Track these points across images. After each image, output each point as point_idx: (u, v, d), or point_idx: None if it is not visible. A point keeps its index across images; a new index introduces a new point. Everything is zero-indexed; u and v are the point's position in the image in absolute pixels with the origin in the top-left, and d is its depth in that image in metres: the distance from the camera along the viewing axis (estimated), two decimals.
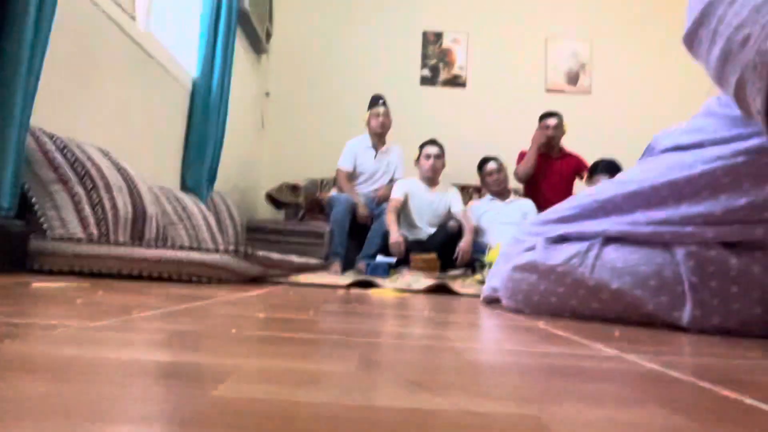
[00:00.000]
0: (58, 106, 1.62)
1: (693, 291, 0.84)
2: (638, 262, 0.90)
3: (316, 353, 0.46)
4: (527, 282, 1.04)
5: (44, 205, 1.41)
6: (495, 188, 3.35)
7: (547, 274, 1.00)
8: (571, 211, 1.04)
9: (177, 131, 2.54)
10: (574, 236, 1.01)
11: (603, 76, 4.32)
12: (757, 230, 0.81)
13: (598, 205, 1.00)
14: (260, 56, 3.92)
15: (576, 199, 1.07)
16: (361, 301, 1.12)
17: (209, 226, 2.35)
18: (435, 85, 4.33)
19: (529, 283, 1.04)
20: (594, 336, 0.70)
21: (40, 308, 0.65)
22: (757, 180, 0.79)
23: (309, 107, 4.25)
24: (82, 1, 1.71)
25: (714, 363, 0.54)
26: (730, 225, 0.82)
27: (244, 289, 1.25)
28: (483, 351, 0.54)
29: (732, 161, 0.81)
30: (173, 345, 0.45)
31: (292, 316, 0.74)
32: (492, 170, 3.35)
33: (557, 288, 0.99)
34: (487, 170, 3.38)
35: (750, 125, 0.81)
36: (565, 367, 0.46)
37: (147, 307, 0.71)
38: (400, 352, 0.50)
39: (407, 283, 1.79)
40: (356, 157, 3.42)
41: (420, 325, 0.73)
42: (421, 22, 4.37)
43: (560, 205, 1.10)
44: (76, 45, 1.69)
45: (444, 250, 2.96)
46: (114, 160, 1.65)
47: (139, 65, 2.13)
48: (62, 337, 0.45)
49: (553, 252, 1.01)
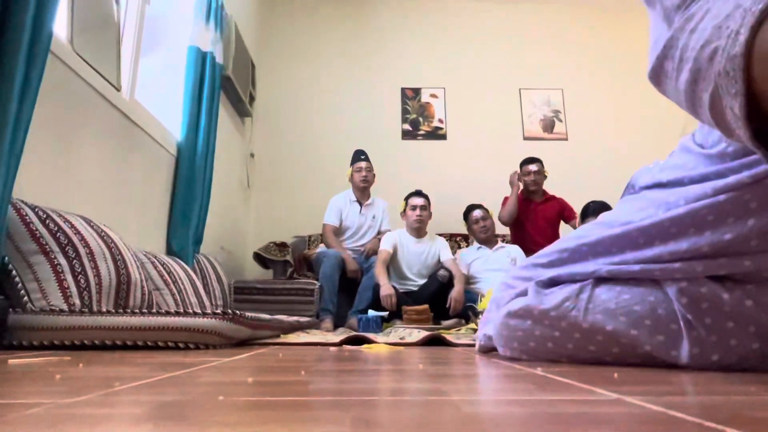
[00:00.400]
0: (40, 176, 1.62)
1: (689, 328, 0.83)
2: (631, 301, 0.89)
3: (307, 416, 0.44)
4: (522, 328, 1.02)
5: (25, 278, 1.37)
6: (482, 235, 3.38)
7: (541, 318, 0.99)
8: (560, 255, 1.04)
9: (162, 195, 2.54)
10: (565, 278, 1.00)
11: (577, 122, 4.48)
12: (746, 262, 0.81)
13: (587, 248, 1.00)
14: (244, 119, 4.01)
15: (563, 242, 1.07)
16: (354, 358, 1.09)
17: (196, 290, 2.31)
18: (416, 139, 4.44)
19: (524, 330, 1.02)
20: (593, 380, 0.68)
21: (14, 387, 0.62)
22: (740, 215, 0.80)
23: (294, 166, 4.31)
24: (67, 73, 1.75)
25: (716, 401, 0.53)
26: (717, 258, 0.83)
27: (233, 352, 1.21)
28: (482, 402, 0.52)
29: (714, 200, 0.82)
30: (156, 418, 0.43)
31: (282, 378, 0.71)
32: (478, 218, 3.39)
33: (553, 333, 0.98)
34: (473, 218, 3.42)
35: (726, 161, 0.83)
36: (566, 415, 0.44)
37: (129, 379, 0.68)
38: (396, 409, 0.48)
39: (401, 337, 1.76)
40: (341, 212, 3.44)
41: (415, 380, 0.71)
42: (399, 80, 4.54)
43: (548, 249, 1.10)
44: (59, 115, 1.72)
45: (436, 300, 2.93)
46: (97, 228, 1.64)
47: (123, 132, 2.15)
48: (35, 417, 0.43)
49: (545, 296, 1.00)
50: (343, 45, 4.57)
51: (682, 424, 0.40)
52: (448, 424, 0.41)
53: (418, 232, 3.25)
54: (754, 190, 0.79)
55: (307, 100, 4.45)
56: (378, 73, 4.53)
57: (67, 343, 1.27)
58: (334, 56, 4.54)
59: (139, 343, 1.29)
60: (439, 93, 4.52)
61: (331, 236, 3.36)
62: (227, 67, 3.21)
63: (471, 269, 3.33)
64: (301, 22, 4.60)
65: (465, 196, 3.93)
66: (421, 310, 2.60)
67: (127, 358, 1.02)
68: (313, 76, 4.50)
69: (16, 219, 1.39)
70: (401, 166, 4.28)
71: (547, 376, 0.75)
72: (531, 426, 0.40)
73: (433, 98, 4.51)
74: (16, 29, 1.29)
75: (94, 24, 1.97)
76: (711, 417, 0.42)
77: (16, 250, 1.38)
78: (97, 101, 1.94)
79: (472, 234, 3.50)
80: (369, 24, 4.64)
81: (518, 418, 0.43)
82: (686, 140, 0.96)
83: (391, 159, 4.26)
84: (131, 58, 2.30)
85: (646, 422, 0.41)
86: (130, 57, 2.29)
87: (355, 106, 4.46)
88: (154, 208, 2.46)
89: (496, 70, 4.57)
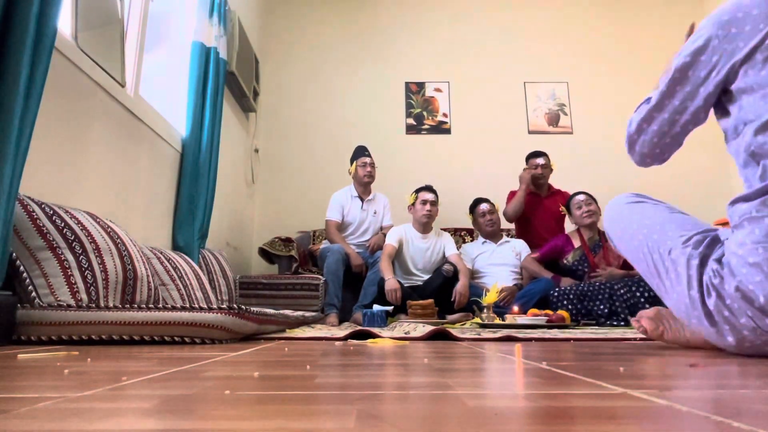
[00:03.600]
0: (46, 172, 1.63)
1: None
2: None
3: (313, 410, 0.44)
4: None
5: (33, 273, 1.39)
6: (488, 229, 3.36)
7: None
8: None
9: (167, 191, 2.55)
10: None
11: (582, 115, 4.45)
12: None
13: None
14: (248, 114, 4.01)
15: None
16: (359, 352, 1.09)
17: (202, 285, 2.32)
18: (420, 133, 4.42)
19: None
20: (598, 374, 0.68)
21: (23, 381, 0.63)
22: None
23: (298, 161, 4.31)
24: (72, 70, 1.75)
25: (723, 395, 0.52)
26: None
27: (239, 347, 1.21)
28: (487, 396, 0.52)
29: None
30: (163, 412, 0.43)
31: (288, 372, 0.72)
32: (485, 211, 3.37)
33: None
34: (479, 211, 3.40)
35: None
36: (572, 408, 0.44)
37: (137, 373, 0.69)
38: (401, 403, 0.48)
39: (405, 331, 1.76)
40: (343, 208, 3.44)
41: (420, 374, 0.71)
42: (403, 74, 4.52)
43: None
44: (65, 112, 1.72)
45: (440, 294, 2.93)
46: (103, 223, 1.65)
47: (128, 129, 2.16)
48: (45, 410, 0.43)
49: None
50: (347, 39, 4.55)
51: (689, 417, 0.40)
52: (453, 417, 0.41)
53: (426, 227, 3.24)
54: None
55: (311, 94, 4.45)
56: (382, 67, 4.51)
57: (74, 338, 1.28)
58: (338, 50, 4.53)
59: (146, 338, 1.30)
60: (443, 87, 4.50)
61: (334, 232, 3.36)
62: (231, 62, 3.21)
63: (476, 264, 3.33)
64: (305, 16, 4.59)
65: (469, 190, 3.92)
66: (425, 305, 2.60)
67: (134, 353, 1.03)
68: (317, 70, 4.49)
69: (23, 215, 1.40)
70: (405, 161, 4.27)
71: (553, 370, 0.75)
72: (536, 420, 0.40)
73: (438, 92, 4.50)
74: (21, 26, 1.29)
75: (98, 20, 1.98)
76: (717, 411, 0.42)
77: (23, 246, 1.39)
78: (102, 97, 1.95)
79: (478, 227, 3.49)
80: (373, 18, 4.62)
81: (523, 412, 0.43)
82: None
83: (395, 153, 4.25)
84: (135, 54, 2.30)
85: (653, 416, 0.41)
86: (134, 53, 2.30)
87: (359, 101, 4.45)
88: (159, 203, 2.47)
89: (501, 63, 4.54)
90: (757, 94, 0.96)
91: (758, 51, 0.95)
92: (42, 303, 1.35)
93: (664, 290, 1.09)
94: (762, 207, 0.92)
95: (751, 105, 0.97)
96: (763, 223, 0.91)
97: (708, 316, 0.97)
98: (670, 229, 1.09)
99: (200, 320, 1.30)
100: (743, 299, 0.91)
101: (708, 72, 1.02)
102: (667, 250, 1.06)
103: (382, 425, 0.38)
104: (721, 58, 1.00)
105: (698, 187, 4.22)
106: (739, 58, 0.97)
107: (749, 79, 0.97)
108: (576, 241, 3.15)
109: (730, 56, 0.99)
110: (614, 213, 1.26)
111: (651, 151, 1.15)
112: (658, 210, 1.16)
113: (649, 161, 1.18)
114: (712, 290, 0.96)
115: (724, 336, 0.96)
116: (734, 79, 0.99)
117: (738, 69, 0.98)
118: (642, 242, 1.13)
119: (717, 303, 0.95)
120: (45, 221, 1.43)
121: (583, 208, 3.11)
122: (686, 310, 1.02)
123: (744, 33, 0.97)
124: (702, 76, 1.03)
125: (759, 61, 0.95)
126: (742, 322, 0.92)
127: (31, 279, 1.38)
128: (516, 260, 3.30)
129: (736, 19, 0.98)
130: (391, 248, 3.08)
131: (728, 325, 0.94)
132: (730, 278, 0.94)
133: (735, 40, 0.98)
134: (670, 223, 1.11)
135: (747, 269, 0.91)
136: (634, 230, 1.16)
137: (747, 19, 0.97)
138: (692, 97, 1.05)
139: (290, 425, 0.38)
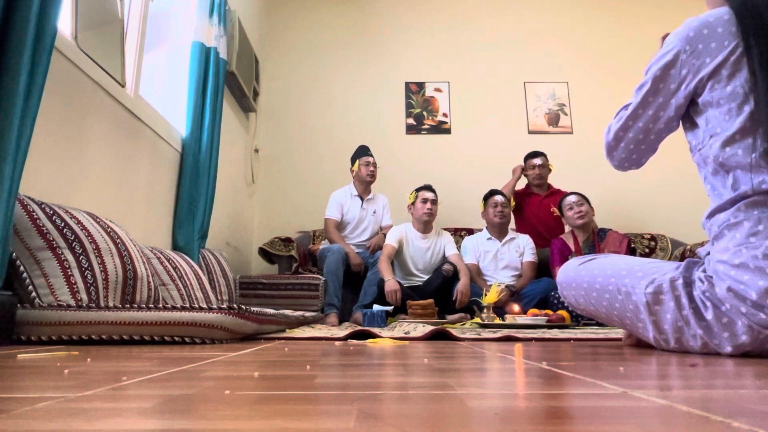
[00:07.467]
0: (46, 172, 1.63)
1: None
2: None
3: (313, 410, 0.44)
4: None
5: (33, 273, 1.39)
6: (497, 220, 3.31)
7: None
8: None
9: (167, 191, 2.55)
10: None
11: (582, 115, 4.45)
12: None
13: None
14: (248, 114, 4.01)
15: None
16: (359, 352, 1.09)
17: (202, 285, 2.32)
18: (420, 133, 4.42)
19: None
20: (598, 374, 0.68)
21: (23, 381, 0.63)
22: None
23: (298, 161, 4.31)
24: (72, 70, 1.75)
25: (723, 395, 0.52)
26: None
27: (239, 347, 1.21)
28: (487, 396, 0.52)
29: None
30: (164, 411, 0.43)
31: (288, 372, 0.72)
32: (498, 202, 3.34)
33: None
34: (492, 202, 3.36)
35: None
36: (572, 408, 0.44)
37: (137, 373, 0.69)
38: (401, 403, 0.48)
39: (405, 331, 1.76)
40: (343, 207, 3.44)
41: (420, 374, 0.71)
42: (403, 74, 4.52)
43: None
44: (65, 112, 1.72)
45: (440, 294, 2.93)
46: (103, 223, 1.65)
47: (128, 128, 2.16)
48: (45, 410, 0.43)
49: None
50: (347, 39, 4.55)
51: (689, 417, 0.40)
52: (453, 417, 0.41)
53: (426, 226, 3.23)
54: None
55: (311, 94, 4.44)
56: (382, 67, 4.51)
57: (74, 338, 1.28)
58: (338, 50, 4.53)
59: (146, 337, 1.30)
60: (443, 87, 4.50)
61: (333, 230, 3.36)
62: (231, 62, 3.21)
63: (481, 263, 3.31)
64: (305, 16, 4.59)
65: (469, 190, 3.92)
66: (425, 305, 2.60)
67: (134, 353, 1.03)
68: (317, 70, 4.49)
69: (23, 215, 1.40)
70: (405, 161, 4.27)
71: (553, 370, 0.75)
72: (536, 420, 0.40)
73: (438, 92, 4.50)
74: (21, 26, 1.29)
75: (98, 20, 1.98)
76: (717, 410, 0.42)
77: (23, 246, 1.39)
78: (102, 97, 1.95)
79: (487, 217, 3.42)
80: (373, 18, 4.61)
81: (523, 412, 0.43)
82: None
83: (395, 153, 4.25)
84: (135, 54, 2.30)
85: (652, 416, 0.41)
86: (134, 53, 2.30)
87: (359, 101, 4.45)
88: (159, 203, 2.47)
89: (501, 63, 4.54)
90: (722, 108, 1.01)
91: (723, 67, 1.01)
92: (42, 303, 1.35)
93: (651, 322, 1.09)
94: (738, 213, 0.97)
95: (717, 119, 1.02)
96: (743, 227, 0.96)
97: (707, 330, 0.99)
98: (637, 266, 1.15)
99: (200, 320, 1.30)
100: (736, 297, 0.94)
101: (678, 85, 1.09)
102: (647, 282, 1.09)
103: (382, 425, 0.38)
104: (689, 72, 1.06)
105: (698, 187, 4.21)
106: (706, 73, 1.03)
107: (715, 94, 1.02)
108: (571, 243, 3.13)
109: (698, 71, 1.04)
110: (569, 278, 1.29)
111: (628, 157, 1.23)
112: (612, 259, 1.22)
113: (627, 165, 1.25)
114: (707, 302, 0.99)
115: (723, 347, 0.98)
116: (702, 92, 1.05)
117: (705, 83, 1.04)
118: (615, 288, 1.16)
119: (714, 313, 0.97)
120: (45, 221, 1.43)
121: (575, 209, 3.12)
122: (681, 331, 1.04)
123: (710, 49, 1.03)
124: (672, 89, 1.10)
125: (724, 77, 1.01)
126: (739, 325, 0.94)
127: (31, 279, 1.38)
128: (518, 261, 3.30)
129: (702, 35, 1.04)
130: (391, 248, 3.08)
131: (728, 332, 0.96)
132: (721, 282, 0.97)
133: (702, 56, 1.04)
134: (631, 262, 1.17)
135: (735, 271, 0.95)
136: (601, 283, 1.19)
137: (713, 36, 1.03)
138: (664, 108, 1.12)
139: (290, 425, 0.38)
